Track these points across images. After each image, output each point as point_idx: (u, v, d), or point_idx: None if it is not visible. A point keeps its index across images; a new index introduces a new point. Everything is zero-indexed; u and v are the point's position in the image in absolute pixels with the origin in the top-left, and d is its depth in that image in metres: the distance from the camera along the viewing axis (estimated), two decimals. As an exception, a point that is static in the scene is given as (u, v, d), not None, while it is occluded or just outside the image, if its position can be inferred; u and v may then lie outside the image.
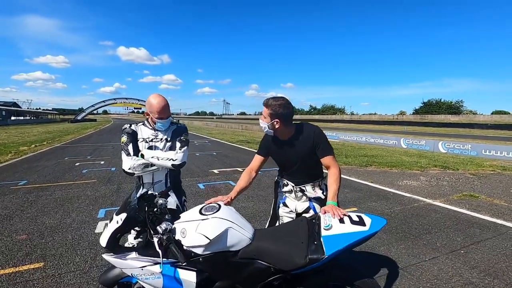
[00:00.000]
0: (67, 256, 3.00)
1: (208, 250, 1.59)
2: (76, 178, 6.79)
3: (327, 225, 1.57)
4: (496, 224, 4.00)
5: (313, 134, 1.99)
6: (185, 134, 2.20)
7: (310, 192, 2.12)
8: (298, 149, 2.01)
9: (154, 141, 2.16)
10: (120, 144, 2.14)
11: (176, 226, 1.67)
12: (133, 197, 1.79)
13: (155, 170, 2.10)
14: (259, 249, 1.61)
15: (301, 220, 1.77)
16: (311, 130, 2.01)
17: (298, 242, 1.59)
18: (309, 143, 1.98)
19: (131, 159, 2.04)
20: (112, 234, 1.64)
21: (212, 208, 1.72)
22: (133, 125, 2.20)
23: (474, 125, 34.92)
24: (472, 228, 3.85)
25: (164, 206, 1.76)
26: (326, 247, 1.49)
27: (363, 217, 1.59)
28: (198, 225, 1.60)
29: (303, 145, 1.99)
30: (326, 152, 1.96)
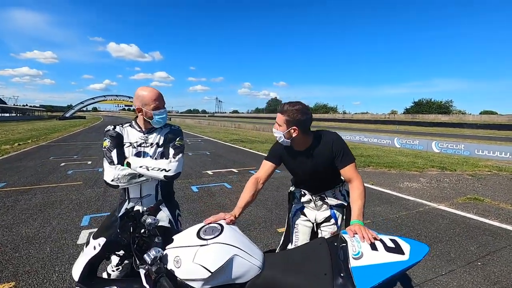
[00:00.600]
0: (43, 273, 2.64)
1: (209, 284, 1.28)
2: (60, 180, 6.36)
3: (357, 252, 1.27)
4: (508, 231, 3.80)
5: (332, 143, 1.71)
6: (179, 139, 1.88)
7: (331, 199, 1.88)
8: (315, 161, 1.74)
9: (143, 146, 1.82)
10: (102, 150, 1.81)
11: (168, 252, 1.35)
12: (114, 215, 1.47)
13: (144, 181, 1.77)
14: (271, 282, 1.31)
15: (320, 243, 1.47)
16: (329, 139, 1.73)
17: (320, 273, 1.29)
18: (328, 154, 1.71)
19: (115, 168, 1.71)
20: (88, 263, 1.31)
21: (212, 230, 1.40)
22: (117, 127, 1.86)
23: (464, 125, 35.36)
24: (484, 235, 3.64)
25: (153, 227, 1.44)
26: (357, 281, 1.19)
27: (399, 242, 1.30)
28: (196, 253, 1.29)
29: (321, 157, 1.73)
30: (346, 161, 1.68)
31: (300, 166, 1.79)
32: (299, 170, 1.82)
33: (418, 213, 4.46)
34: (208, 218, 1.49)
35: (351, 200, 1.62)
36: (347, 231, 1.44)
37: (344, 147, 1.71)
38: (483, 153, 11.83)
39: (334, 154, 1.69)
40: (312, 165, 1.75)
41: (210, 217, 1.50)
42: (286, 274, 1.34)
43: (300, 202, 2.00)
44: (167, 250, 1.36)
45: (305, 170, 1.79)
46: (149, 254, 1.26)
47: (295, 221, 2.01)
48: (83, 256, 1.34)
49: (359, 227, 1.39)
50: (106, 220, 1.48)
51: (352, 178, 1.66)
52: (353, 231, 1.39)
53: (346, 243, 1.34)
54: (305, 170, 1.79)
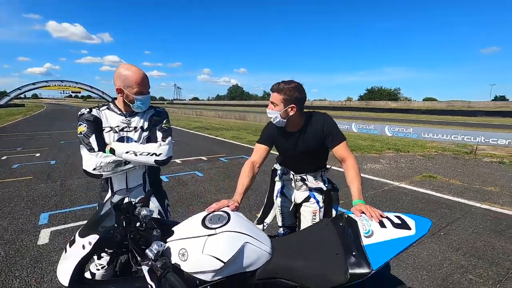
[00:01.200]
0: (0, 280, 2.31)
1: (220, 275, 1.20)
2: (5, 175, 5.61)
3: (367, 231, 1.29)
4: (460, 203, 4.26)
5: (323, 123, 1.71)
6: (166, 121, 1.72)
7: (311, 182, 1.89)
8: (308, 141, 1.74)
9: (125, 131, 1.63)
10: (78, 136, 1.58)
11: (171, 245, 1.24)
12: (104, 209, 1.30)
13: (130, 169, 1.60)
14: (283, 267, 1.27)
15: (326, 224, 1.46)
16: (320, 120, 1.73)
17: (332, 254, 1.28)
18: (319, 134, 1.71)
19: (96, 155, 1.50)
20: (78, 265, 1.15)
21: (219, 218, 1.31)
22: (94, 110, 1.63)
23: (410, 111, 38.63)
24: (442, 208, 4.03)
25: (149, 219, 1.31)
26: (371, 258, 1.21)
27: (404, 218, 1.34)
28: (205, 244, 1.19)
29: (313, 137, 1.73)
30: (337, 140, 1.69)
31: (293, 147, 1.77)
32: (291, 151, 1.80)
33: (384, 192, 4.79)
34: (210, 206, 1.40)
35: (348, 181, 1.63)
36: (352, 211, 1.45)
37: (335, 126, 1.72)
38: (429, 136, 13.08)
39: (325, 134, 1.69)
40: (304, 146, 1.74)
41: (213, 205, 1.41)
42: (297, 258, 1.31)
43: (281, 180, 2.00)
44: (169, 243, 1.25)
45: (297, 150, 1.77)
46: (151, 249, 1.13)
47: (279, 203, 2.00)
48: (70, 257, 1.17)
49: (365, 206, 1.40)
50: (94, 215, 1.32)
51: (345, 157, 1.67)
52: (359, 210, 1.40)
53: (354, 223, 1.35)
54: (297, 151, 1.77)
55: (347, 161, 1.66)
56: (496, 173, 6.17)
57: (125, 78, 1.52)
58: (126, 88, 1.54)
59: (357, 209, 1.42)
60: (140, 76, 1.54)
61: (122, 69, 1.54)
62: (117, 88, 1.56)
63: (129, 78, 1.52)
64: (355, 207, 1.45)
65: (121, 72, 1.53)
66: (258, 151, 1.76)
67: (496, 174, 6.12)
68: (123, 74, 1.53)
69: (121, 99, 1.60)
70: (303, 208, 1.93)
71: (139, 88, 1.54)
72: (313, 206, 1.90)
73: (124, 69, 1.54)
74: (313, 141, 1.72)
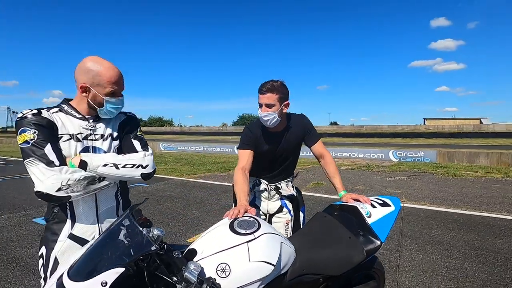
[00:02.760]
0: None
1: (264, 283, 1.12)
2: None
3: (367, 212, 1.51)
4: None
5: (303, 122, 1.90)
6: (139, 129, 1.44)
7: (284, 190, 1.98)
8: (290, 140, 1.85)
9: (90, 139, 1.26)
10: (21, 147, 1.10)
11: (203, 264, 1.06)
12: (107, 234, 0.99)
13: (104, 187, 1.23)
14: (307, 262, 1.31)
15: (324, 216, 1.60)
16: (300, 119, 1.91)
17: (345, 239, 1.42)
18: (301, 132, 1.88)
19: (60, 171, 1.09)
20: None
21: (247, 223, 1.22)
22: (43, 111, 1.19)
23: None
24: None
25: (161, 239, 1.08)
26: (378, 233, 1.42)
27: (383, 199, 1.65)
28: (250, 250, 1.10)
29: (295, 136, 1.87)
30: (316, 138, 1.90)
31: (276, 146, 1.82)
32: (275, 151, 1.84)
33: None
34: (229, 214, 1.28)
35: (330, 175, 1.84)
36: (345, 200, 1.65)
37: (312, 125, 1.92)
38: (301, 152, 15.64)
39: (305, 132, 1.86)
40: (287, 145, 1.83)
41: (231, 212, 1.29)
42: (316, 251, 1.38)
43: (252, 192, 1.98)
44: (200, 262, 1.07)
45: (280, 150, 1.84)
46: (191, 271, 0.96)
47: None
48: None
49: (355, 195, 1.64)
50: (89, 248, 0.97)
51: (323, 153, 1.88)
52: (352, 198, 1.62)
53: (354, 208, 1.55)
54: (280, 151, 1.84)
55: (326, 157, 1.87)
56: (361, 176, 8.06)
57: (95, 74, 1.20)
58: (95, 86, 1.22)
59: (349, 197, 1.63)
60: (115, 73, 1.25)
61: (90, 62, 1.22)
62: (82, 85, 1.21)
63: (101, 74, 1.21)
64: (345, 196, 1.66)
65: (89, 66, 1.21)
66: (243, 156, 1.74)
67: (361, 177, 8.00)
68: (93, 70, 1.20)
69: (83, 100, 1.25)
70: (276, 219, 1.95)
71: (113, 88, 1.24)
72: (286, 216, 1.95)
73: (93, 62, 1.22)
74: (295, 139, 1.84)
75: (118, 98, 1.28)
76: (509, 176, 8.20)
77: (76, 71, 1.23)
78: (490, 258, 2.96)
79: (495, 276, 2.59)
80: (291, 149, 1.88)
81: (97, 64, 1.21)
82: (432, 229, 3.82)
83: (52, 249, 1.21)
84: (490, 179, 7.81)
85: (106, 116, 1.31)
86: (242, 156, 1.75)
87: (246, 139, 1.79)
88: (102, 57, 1.27)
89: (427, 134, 36.96)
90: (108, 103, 1.25)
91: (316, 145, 1.88)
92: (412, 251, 3.12)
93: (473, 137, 33.40)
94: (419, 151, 13.59)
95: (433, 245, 3.30)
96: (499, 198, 5.57)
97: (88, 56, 1.24)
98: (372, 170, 9.64)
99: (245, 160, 1.72)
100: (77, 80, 1.22)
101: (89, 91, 1.22)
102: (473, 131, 36.57)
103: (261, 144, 1.82)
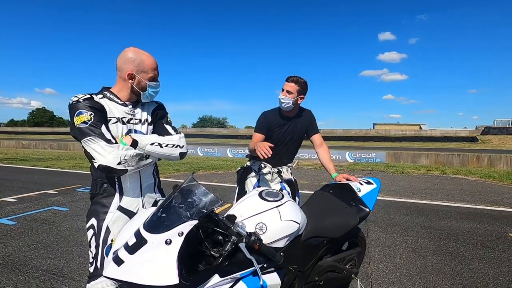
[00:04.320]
0: None
1: (289, 240, 1.40)
2: None
3: (357, 188, 1.87)
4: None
5: (310, 115, 2.27)
6: (169, 115, 1.62)
7: (285, 174, 2.30)
8: (298, 126, 2.21)
9: (131, 123, 1.42)
10: (79, 127, 1.23)
11: (246, 223, 1.31)
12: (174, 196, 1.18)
13: (149, 164, 1.39)
14: (316, 227, 1.62)
15: (321, 193, 1.92)
16: (307, 110, 2.28)
17: (342, 209, 1.76)
18: (307, 121, 2.25)
19: (118, 147, 1.25)
20: (178, 258, 1.03)
21: (273, 193, 1.50)
22: (95, 96, 1.33)
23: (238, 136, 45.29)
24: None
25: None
26: (367, 203, 1.79)
27: (367, 179, 2.03)
28: (280, 212, 1.37)
29: (303, 123, 2.23)
30: (317, 129, 2.29)
31: (284, 128, 2.17)
32: (286, 134, 2.18)
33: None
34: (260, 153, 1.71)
35: (326, 160, 2.20)
36: (338, 180, 2.00)
37: (315, 120, 2.30)
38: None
39: (310, 123, 2.25)
40: (293, 129, 2.19)
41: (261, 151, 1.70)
42: (321, 219, 1.69)
43: (257, 174, 2.28)
44: (244, 221, 1.31)
45: (291, 134, 2.19)
46: (242, 227, 1.21)
47: None
48: (163, 255, 1.01)
49: (346, 174, 2.00)
50: (162, 205, 1.15)
51: (322, 142, 2.27)
52: (344, 177, 1.97)
53: (347, 185, 1.90)
54: (291, 135, 2.19)
55: (323, 146, 2.26)
56: (324, 175, 8.69)
57: (140, 62, 1.38)
58: (140, 73, 1.39)
59: (341, 177, 1.99)
60: (154, 61, 1.43)
61: (131, 52, 1.38)
62: (129, 73, 1.37)
63: (145, 62, 1.38)
64: (338, 176, 2.02)
65: (132, 56, 1.37)
66: (256, 137, 2.11)
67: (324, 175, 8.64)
68: (138, 58, 1.38)
69: (126, 86, 1.41)
70: None
71: (154, 73, 1.43)
72: None
73: (135, 52, 1.38)
74: (301, 127, 2.21)
75: (157, 83, 1.46)
76: (445, 173, 9.55)
77: (120, 61, 1.38)
78: (437, 234, 3.60)
79: (442, 247, 3.18)
80: (296, 134, 2.22)
81: (138, 53, 1.38)
82: (390, 215, 4.44)
83: (103, 220, 1.35)
84: (430, 176, 9.02)
85: (146, 100, 1.47)
86: (256, 137, 2.12)
87: (260, 124, 2.16)
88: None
89: (376, 137, 40.42)
90: (150, 87, 1.42)
91: (317, 135, 2.27)
92: (377, 232, 3.64)
93: (414, 140, 37.41)
94: (371, 152, 14.98)
95: (392, 226, 3.87)
96: (439, 190, 6.55)
97: (129, 48, 1.40)
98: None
99: (256, 140, 2.09)
100: (122, 69, 1.37)
101: (135, 77, 1.38)
102: (414, 135, 40.91)
103: (273, 125, 2.16)
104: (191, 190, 1.22)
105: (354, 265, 1.93)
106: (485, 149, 23.39)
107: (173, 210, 1.15)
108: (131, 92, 1.42)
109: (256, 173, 2.27)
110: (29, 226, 3.73)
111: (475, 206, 5.09)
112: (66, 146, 19.79)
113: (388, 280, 2.47)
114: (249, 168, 2.31)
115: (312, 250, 1.59)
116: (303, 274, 1.55)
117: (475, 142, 34.48)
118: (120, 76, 1.40)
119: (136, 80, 1.39)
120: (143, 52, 1.40)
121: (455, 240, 3.38)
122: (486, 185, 7.34)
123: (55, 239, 3.27)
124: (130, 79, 1.38)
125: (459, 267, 2.71)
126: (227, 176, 8.23)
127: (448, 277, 2.51)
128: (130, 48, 1.40)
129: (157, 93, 1.49)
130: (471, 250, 3.09)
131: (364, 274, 2.54)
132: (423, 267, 2.69)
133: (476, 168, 11.09)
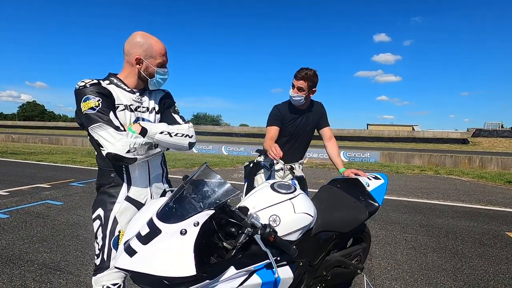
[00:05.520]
0: None
1: (301, 233, 1.37)
2: None
3: (366, 183, 1.85)
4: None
5: (321, 108, 2.25)
6: (176, 104, 1.57)
7: (297, 171, 2.27)
8: (310, 118, 2.18)
9: (139, 111, 1.37)
10: (86, 113, 1.17)
11: (260, 215, 1.27)
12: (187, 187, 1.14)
13: (157, 154, 1.34)
14: (326, 221, 1.59)
15: (330, 187, 1.90)
16: (319, 103, 2.26)
17: (351, 203, 1.74)
18: (319, 114, 2.22)
19: (127, 135, 1.20)
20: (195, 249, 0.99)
21: (286, 185, 1.46)
22: (102, 82, 1.27)
23: (232, 134, 45.17)
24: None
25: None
26: (376, 198, 1.77)
27: (375, 175, 2.02)
28: (294, 205, 1.34)
29: (315, 116, 2.20)
30: (327, 122, 2.27)
31: (297, 121, 2.14)
32: (299, 127, 2.16)
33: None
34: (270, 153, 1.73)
35: (334, 154, 2.18)
36: (346, 174, 1.98)
37: (326, 113, 2.27)
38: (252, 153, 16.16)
39: (321, 116, 2.22)
40: (306, 121, 2.17)
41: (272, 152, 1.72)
42: (331, 214, 1.67)
43: (269, 171, 2.24)
44: (257, 213, 1.28)
45: (304, 127, 2.16)
46: (256, 219, 1.17)
47: None
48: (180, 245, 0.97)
49: (354, 170, 1.98)
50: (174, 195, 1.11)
51: (331, 136, 2.25)
52: (353, 172, 1.95)
53: (356, 180, 1.88)
54: (303, 127, 2.17)
55: (332, 139, 2.24)
56: (321, 173, 8.69)
57: (148, 47, 1.32)
58: (148, 58, 1.33)
59: (350, 172, 1.96)
60: (164, 46, 1.37)
61: (140, 36, 1.32)
62: (137, 57, 1.31)
63: (153, 47, 1.33)
64: (346, 171, 1.99)
65: (140, 40, 1.31)
66: (271, 131, 2.08)
67: (321, 173, 8.63)
68: (146, 42, 1.31)
69: (133, 72, 1.35)
70: None
71: (163, 59, 1.37)
72: None
73: (143, 37, 1.32)
74: (313, 119, 2.19)
75: (165, 69, 1.40)
76: (438, 173, 9.67)
77: (128, 46, 1.32)
78: (436, 232, 3.62)
79: (441, 245, 3.20)
80: (308, 127, 2.20)
81: (147, 38, 1.32)
82: (389, 213, 4.46)
83: (110, 210, 1.29)
84: (424, 175, 9.13)
85: (154, 87, 1.42)
86: (270, 131, 2.07)
87: (273, 117, 2.12)
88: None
89: (370, 138, 40.76)
90: (158, 74, 1.37)
91: (327, 129, 2.25)
92: (377, 230, 3.65)
93: (407, 141, 37.83)
94: (366, 152, 15.08)
95: (391, 224, 3.89)
96: (434, 189, 6.62)
97: (137, 32, 1.34)
98: (328, 168, 10.47)
99: (272, 133, 2.06)
100: (130, 54, 1.31)
101: (142, 62, 1.33)
102: (407, 136, 41.36)
103: (287, 118, 2.13)
104: (204, 179, 1.18)
105: (360, 260, 1.92)
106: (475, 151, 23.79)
107: (187, 200, 1.11)
108: (138, 78, 1.36)
109: (268, 170, 2.23)
110: (22, 219, 3.63)
111: (470, 205, 5.16)
112: (58, 141, 19.44)
113: (390, 277, 2.47)
114: (258, 164, 2.27)
115: (321, 244, 1.57)
116: (312, 269, 1.53)
117: (466, 144, 35.07)
118: (127, 61, 1.34)
119: (144, 66, 1.33)
120: (152, 37, 1.34)
121: (453, 238, 3.41)
122: (479, 185, 7.46)
123: (50, 233, 3.19)
124: (137, 64, 1.32)
125: (459, 264, 2.73)
126: (223, 173, 8.18)
127: (449, 274, 2.53)
128: (139, 32, 1.34)
129: (165, 80, 1.43)
130: (470, 248, 3.12)
131: (366, 270, 2.54)
132: (424, 264, 2.70)
133: (468, 169, 11.27)
